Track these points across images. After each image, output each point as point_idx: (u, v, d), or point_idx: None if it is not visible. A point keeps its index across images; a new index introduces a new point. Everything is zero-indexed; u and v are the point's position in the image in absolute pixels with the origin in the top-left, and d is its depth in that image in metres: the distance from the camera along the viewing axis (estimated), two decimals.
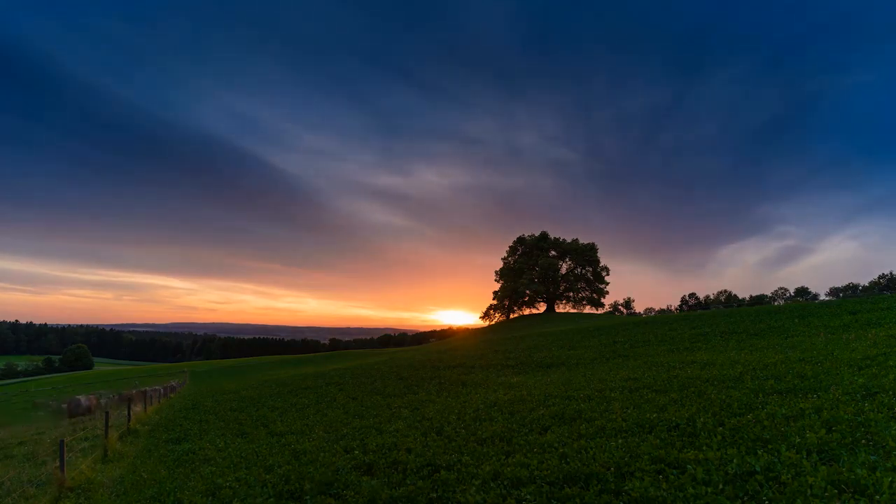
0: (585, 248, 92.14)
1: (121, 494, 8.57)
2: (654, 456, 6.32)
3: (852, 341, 14.34)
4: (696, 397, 9.43)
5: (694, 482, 5.32)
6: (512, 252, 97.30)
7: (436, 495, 6.17)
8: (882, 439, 5.70)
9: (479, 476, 6.59)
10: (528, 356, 23.36)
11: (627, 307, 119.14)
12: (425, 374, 21.15)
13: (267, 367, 54.35)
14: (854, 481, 4.72)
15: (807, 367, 10.85)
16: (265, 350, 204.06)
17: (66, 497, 8.66)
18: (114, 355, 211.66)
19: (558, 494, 5.59)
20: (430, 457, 7.82)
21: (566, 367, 18.71)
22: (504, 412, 10.81)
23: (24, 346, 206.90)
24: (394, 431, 10.40)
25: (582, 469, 6.20)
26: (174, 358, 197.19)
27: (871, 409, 6.89)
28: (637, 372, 14.15)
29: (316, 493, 6.92)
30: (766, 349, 15.73)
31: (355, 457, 8.51)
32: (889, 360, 10.33)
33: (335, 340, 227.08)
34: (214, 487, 7.81)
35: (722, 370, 12.18)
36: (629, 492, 5.33)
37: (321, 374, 28.09)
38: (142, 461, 11.06)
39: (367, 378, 22.28)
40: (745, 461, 5.63)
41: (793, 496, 4.63)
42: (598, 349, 22.74)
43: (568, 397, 11.51)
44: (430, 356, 30.25)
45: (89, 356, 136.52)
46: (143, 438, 14.31)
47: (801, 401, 8.02)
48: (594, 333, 30.60)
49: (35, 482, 10.10)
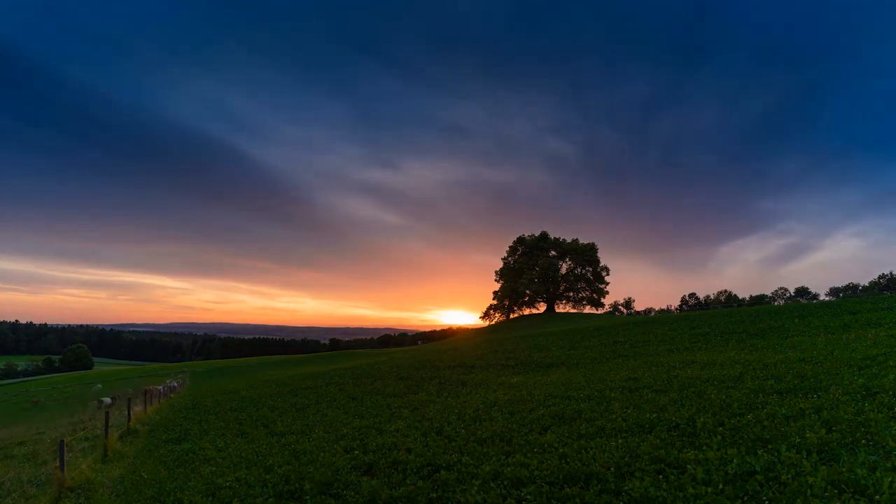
0: (585, 248, 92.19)
1: (121, 494, 8.57)
2: (654, 456, 6.32)
3: (852, 341, 14.34)
4: (696, 397, 9.43)
5: (694, 482, 5.32)
6: (512, 252, 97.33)
7: (436, 495, 6.17)
8: (882, 439, 5.70)
9: (479, 476, 6.59)
10: (528, 356, 23.36)
11: (627, 307, 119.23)
12: (425, 374, 21.15)
13: (267, 367, 54.34)
14: (854, 481, 4.72)
15: (807, 367, 10.85)
16: (265, 350, 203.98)
17: (66, 497, 8.66)
18: (114, 355, 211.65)
19: (558, 494, 5.59)
20: (431, 457, 7.82)
21: (566, 367, 18.71)
22: (504, 412, 10.81)
23: (24, 346, 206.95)
24: (394, 431, 10.40)
25: (582, 469, 6.20)
26: (174, 358, 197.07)
27: (871, 409, 6.89)
28: (637, 372, 14.15)
29: (316, 493, 6.92)
30: (766, 349, 15.73)
31: (355, 457, 8.51)
32: (889, 360, 10.33)
33: (335, 340, 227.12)
34: (214, 487, 7.81)
35: (722, 370, 12.18)
36: (629, 492, 5.33)
37: (321, 374, 28.08)
38: (142, 461, 11.06)
39: (367, 378, 22.28)
40: (745, 461, 5.63)
41: (793, 496, 4.63)
42: (598, 349, 22.74)
43: (568, 397, 11.51)
44: (430, 356, 30.24)
45: (89, 356, 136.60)
46: (143, 438, 14.32)
47: (801, 401, 8.02)
48: (594, 333, 30.60)
49: (35, 482, 10.11)
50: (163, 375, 58.58)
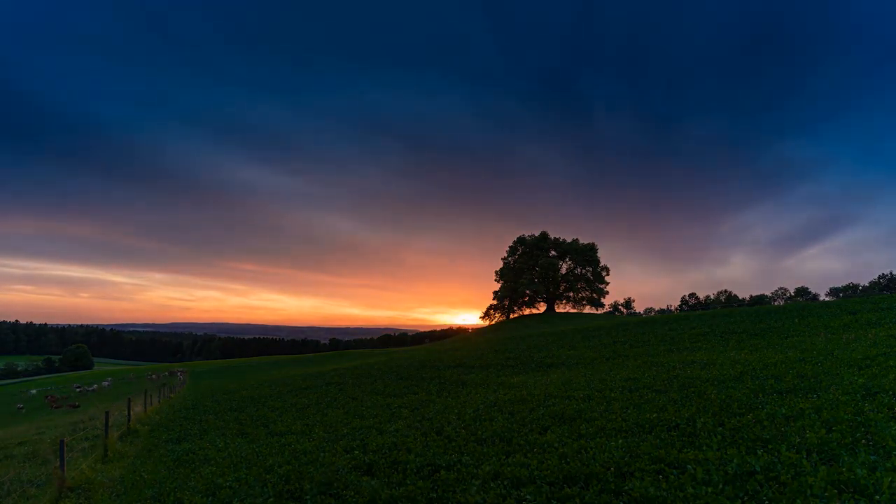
0: (585, 248, 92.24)
1: (121, 494, 8.57)
2: (654, 456, 6.32)
3: (852, 341, 14.34)
4: (696, 397, 9.43)
5: (694, 482, 5.32)
6: (512, 252, 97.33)
7: (436, 495, 6.17)
8: (882, 439, 5.71)
9: (479, 476, 6.60)
10: (528, 356, 23.36)
11: (627, 307, 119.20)
12: (425, 373, 21.15)
13: (267, 367, 54.33)
14: (854, 481, 4.72)
15: (807, 367, 10.85)
16: (265, 350, 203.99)
17: (66, 497, 8.66)
18: (114, 355, 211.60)
19: (558, 494, 5.59)
20: (431, 457, 7.82)
21: (566, 367, 18.71)
22: (504, 412, 10.82)
23: (24, 346, 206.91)
24: (394, 431, 10.41)
25: (582, 469, 6.20)
26: (174, 358, 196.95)
27: (871, 409, 6.89)
28: (637, 372, 14.16)
29: (316, 493, 6.92)
30: (766, 349, 15.73)
31: (355, 457, 8.51)
32: (889, 360, 10.34)
33: (335, 340, 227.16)
34: (214, 487, 7.81)
35: (722, 370, 12.19)
36: (629, 492, 5.33)
37: (321, 374, 28.08)
38: (142, 461, 11.06)
39: (367, 378, 22.28)
40: (745, 461, 5.63)
41: (793, 496, 4.63)
42: (598, 349, 22.74)
43: (568, 397, 11.51)
44: (430, 356, 30.25)
45: (89, 356, 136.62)
46: (143, 438, 14.31)
47: (801, 401, 8.02)
48: (594, 333, 30.60)
49: (35, 482, 10.11)
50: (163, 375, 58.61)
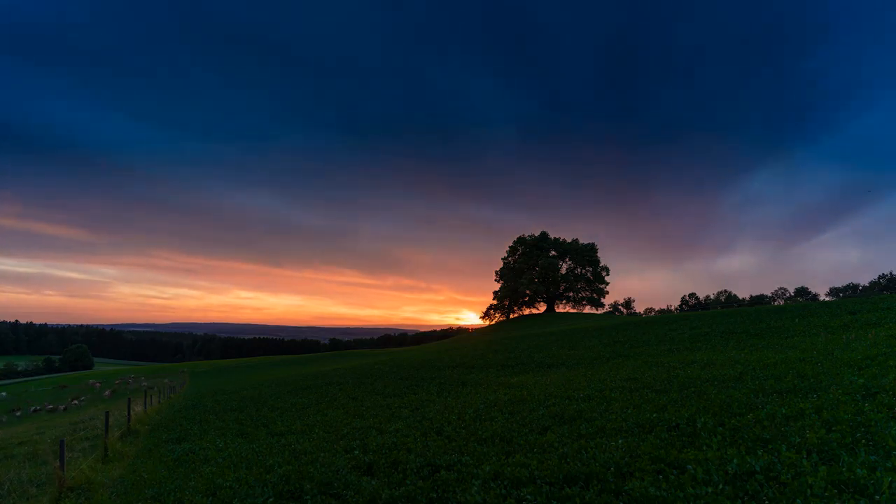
0: (585, 248, 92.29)
1: (121, 494, 8.57)
2: (654, 456, 6.32)
3: (852, 341, 14.34)
4: (696, 397, 9.43)
5: (694, 482, 5.32)
6: (512, 252, 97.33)
7: (436, 495, 6.17)
8: (882, 439, 5.71)
9: (479, 476, 6.60)
10: (528, 356, 23.36)
11: (627, 307, 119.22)
12: (425, 374, 21.16)
13: (267, 367, 54.36)
14: (854, 481, 4.72)
15: (807, 367, 10.85)
16: (265, 350, 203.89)
17: (66, 497, 8.66)
18: (114, 355, 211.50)
19: (558, 494, 5.60)
20: (431, 457, 7.82)
21: (566, 367, 18.71)
22: (504, 412, 10.82)
23: (24, 346, 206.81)
24: (394, 431, 10.41)
25: (582, 469, 6.20)
26: (174, 358, 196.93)
27: (871, 409, 6.89)
28: (637, 372, 14.16)
29: (316, 493, 6.92)
30: (766, 349, 15.73)
31: (355, 457, 8.51)
32: (889, 360, 10.33)
33: (335, 340, 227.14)
34: (214, 487, 7.81)
35: (722, 370, 12.19)
36: (629, 492, 5.33)
37: (321, 374, 28.10)
38: (142, 461, 11.06)
39: (367, 378, 22.28)
40: (745, 461, 5.63)
41: (793, 496, 4.63)
42: (598, 349, 22.74)
43: (568, 397, 11.51)
44: (431, 356, 30.26)
45: (89, 356, 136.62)
46: (144, 438, 14.31)
47: (801, 401, 8.02)
48: (594, 333, 30.60)
49: (35, 482, 10.11)
50: (163, 375, 58.64)
